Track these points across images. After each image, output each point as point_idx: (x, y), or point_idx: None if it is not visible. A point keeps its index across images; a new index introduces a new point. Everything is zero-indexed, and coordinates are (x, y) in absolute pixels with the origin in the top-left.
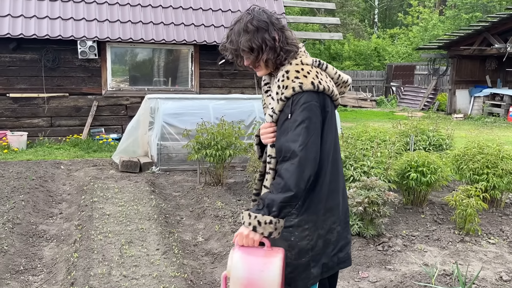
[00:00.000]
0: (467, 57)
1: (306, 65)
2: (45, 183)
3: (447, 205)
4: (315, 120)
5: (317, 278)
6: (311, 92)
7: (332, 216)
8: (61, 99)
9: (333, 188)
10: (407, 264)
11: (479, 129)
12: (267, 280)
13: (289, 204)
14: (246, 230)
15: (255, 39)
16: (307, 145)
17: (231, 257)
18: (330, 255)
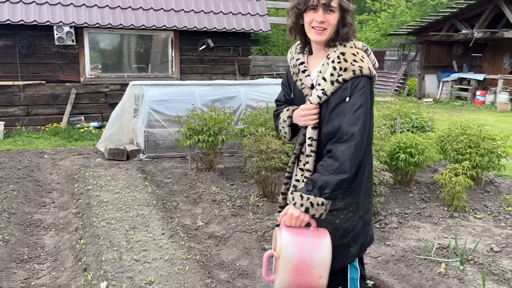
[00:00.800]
0: (435, 42)
1: (360, 49)
2: (31, 172)
3: (433, 184)
4: (370, 106)
5: (354, 257)
6: (367, 77)
7: (369, 197)
8: (38, 87)
9: (370, 170)
10: (404, 239)
11: (449, 112)
12: (319, 259)
13: (342, 187)
14: (297, 211)
15: (349, 4)
16: (365, 129)
17: (280, 237)
18: (366, 234)
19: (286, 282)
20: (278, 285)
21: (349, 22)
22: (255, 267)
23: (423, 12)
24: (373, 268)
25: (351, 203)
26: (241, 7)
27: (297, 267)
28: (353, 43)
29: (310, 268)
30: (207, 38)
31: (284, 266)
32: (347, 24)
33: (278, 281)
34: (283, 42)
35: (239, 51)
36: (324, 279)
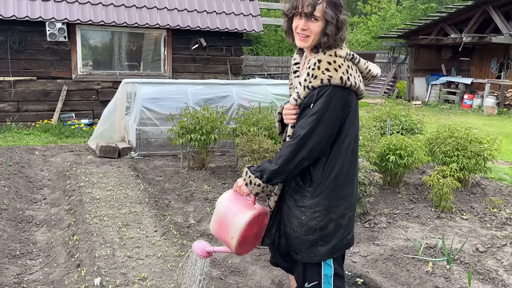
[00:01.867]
0: (424, 46)
1: (340, 58)
2: (22, 169)
3: (421, 185)
4: (329, 114)
5: (325, 257)
6: (337, 87)
7: (345, 202)
8: (29, 83)
9: (350, 177)
10: (393, 239)
11: (437, 115)
12: (234, 223)
13: (276, 176)
14: (241, 182)
15: (338, 13)
16: (312, 134)
17: (222, 195)
18: (340, 238)
19: (212, 227)
20: (210, 226)
21: (329, 33)
22: (247, 265)
23: (413, 16)
24: (362, 266)
25: (318, 204)
26: (234, 7)
27: (220, 220)
28: (335, 51)
29: (227, 227)
30: (200, 37)
31: (214, 215)
32: (327, 34)
33: (211, 222)
34: (275, 43)
35: (232, 50)
36: (234, 241)
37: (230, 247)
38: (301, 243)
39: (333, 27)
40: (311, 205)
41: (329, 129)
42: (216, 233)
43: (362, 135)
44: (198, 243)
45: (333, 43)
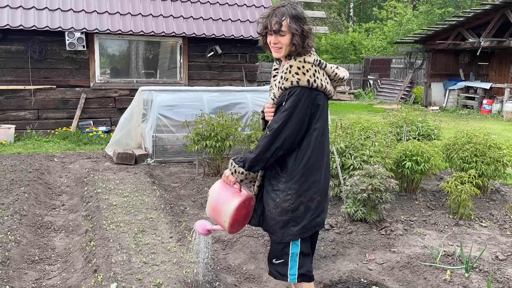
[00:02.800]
0: (441, 51)
1: (308, 63)
2: (42, 175)
3: (438, 192)
4: (299, 110)
5: (296, 236)
6: (305, 87)
7: (314, 187)
8: (48, 92)
9: (318, 165)
10: (410, 246)
11: (455, 121)
12: (225, 209)
13: (255, 164)
14: (228, 172)
15: (301, 25)
16: (284, 127)
17: (214, 185)
18: (310, 219)
19: (208, 213)
20: (206, 210)
21: (296, 42)
22: (262, 271)
23: (429, 21)
24: (378, 274)
25: (290, 188)
26: (249, 14)
27: (214, 207)
28: (304, 58)
29: (220, 213)
30: (215, 44)
31: (208, 202)
32: (294, 44)
33: (206, 208)
34: None
35: (247, 57)
36: (227, 223)
37: (224, 228)
38: (275, 223)
39: (299, 37)
40: (284, 188)
41: (299, 123)
42: (211, 217)
43: (378, 141)
44: (200, 222)
45: (302, 51)
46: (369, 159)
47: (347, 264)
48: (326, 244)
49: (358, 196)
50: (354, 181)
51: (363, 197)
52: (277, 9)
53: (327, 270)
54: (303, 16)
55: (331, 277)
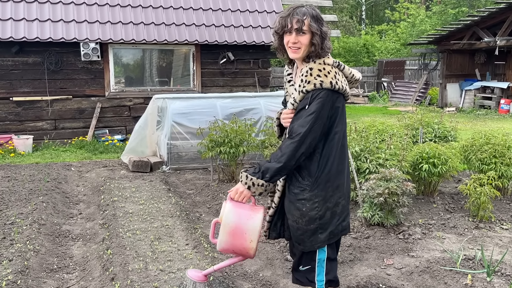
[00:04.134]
0: (457, 51)
1: (328, 65)
2: (59, 185)
3: (457, 195)
4: (323, 113)
5: (324, 243)
6: (328, 90)
7: (338, 192)
8: (65, 102)
9: (340, 169)
10: (429, 250)
11: (472, 122)
12: (251, 227)
13: (279, 173)
14: (242, 187)
15: (321, 26)
16: (310, 131)
17: (224, 207)
18: (336, 224)
19: (224, 242)
20: (218, 245)
21: (316, 42)
22: (279, 278)
23: (443, 21)
24: (397, 279)
25: (316, 195)
26: (260, 20)
27: (234, 231)
28: (323, 60)
29: (243, 233)
30: (228, 51)
31: (223, 229)
32: (314, 44)
33: (219, 241)
34: None
35: (259, 63)
36: (254, 243)
37: (249, 251)
38: (303, 233)
39: (318, 37)
40: (311, 197)
41: (321, 126)
42: (229, 245)
43: (393, 144)
44: (191, 272)
45: (320, 52)
46: (385, 162)
47: (365, 269)
48: (343, 249)
49: (375, 200)
50: (370, 185)
51: (379, 201)
52: (297, 8)
53: (345, 276)
54: (322, 18)
55: (349, 283)
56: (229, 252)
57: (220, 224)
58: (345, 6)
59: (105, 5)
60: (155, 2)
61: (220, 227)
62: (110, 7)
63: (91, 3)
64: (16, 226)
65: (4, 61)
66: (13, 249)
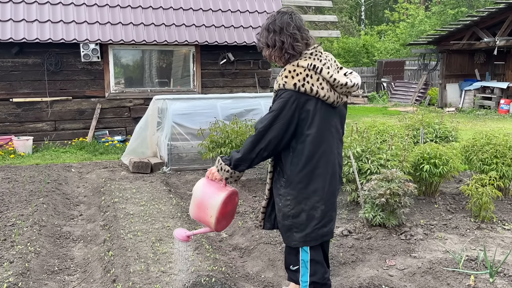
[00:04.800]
0: (456, 51)
1: (300, 67)
2: (60, 186)
3: (458, 195)
4: (285, 113)
5: (300, 243)
6: (292, 91)
7: (315, 196)
8: (65, 103)
9: (318, 173)
10: (431, 251)
11: (472, 122)
12: (212, 204)
13: (240, 163)
14: (214, 169)
15: (270, 38)
16: (270, 129)
17: (198, 182)
18: (313, 228)
19: (193, 212)
20: (190, 213)
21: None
22: (280, 279)
23: (442, 21)
24: (399, 280)
25: (288, 193)
26: (260, 21)
27: (199, 203)
28: (298, 62)
29: (205, 208)
30: (228, 52)
31: (192, 201)
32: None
33: (190, 210)
34: None
35: (259, 64)
36: (213, 219)
37: (210, 225)
38: (281, 226)
39: (272, 47)
40: (284, 193)
41: (285, 126)
42: (196, 216)
43: (394, 145)
44: (178, 230)
45: (287, 58)
46: (386, 163)
47: (367, 270)
48: (345, 250)
49: (376, 201)
50: (371, 185)
51: (381, 202)
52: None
53: (347, 277)
54: (273, 28)
55: (351, 284)
56: (198, 221)
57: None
58: (344, 7)
59: (105, 6)
60: (155, 3)
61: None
62: (110, 8)
63: (91, 4)
64: (16, 227)
65: (4, 62)
66: (14, 251)
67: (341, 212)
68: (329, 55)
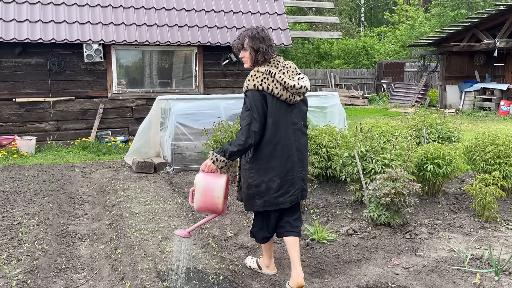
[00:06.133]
0: (456, 53)
1: (259, 72)
2: (64, 185)
3: (461, 195)
4: (256, 109)
5: (260, 207)
6: (253, 90)
7: (273, 172)
8: (67, 103)
9: (276, 155)
10: (436, 250)
11: (472, 123)
12: (217, 187)
13: (234, 154)
14: (209, 162)
15: (257, 44)
16: (251, 123)
17: (197, 176)
18: (271, 196)
19: (199, 201)
20: (195, 205)
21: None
22: (287, 278)
23: (442, 23)
24: (405, 278)
25: (252, 168)
26: (262, 21)
27: (204, 191)
28: (258, 68)
29: (212, 192)
30: (230, 52)
31: (197, 192)
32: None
33: (195, 202)
34: (302, 55)
35: None
36: (221, 199)
37: (217, 206)
38: (245, 196)
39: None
40: (249, 168)
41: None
42: (202, 203)
43: (398, 145)
44: (178, 230)
45: (261, 61)
46: (390, 162)
47: (373, 268)
48: (351, 249)
49: (381, 200)
50: (376, 185)
51: (386, 201)
52: (244, 32)
53: (353, 276)
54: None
55: (358, 282)
56: (204, 209)
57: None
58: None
59: (108, 6)
60: (158, 4)
61: (195, 191)
62: (113, 9)
63: (93, 4)
64: (23, 226)
65: (7, 62)
66: (22, 249)
67: (345, 211)
68: (289, 63)
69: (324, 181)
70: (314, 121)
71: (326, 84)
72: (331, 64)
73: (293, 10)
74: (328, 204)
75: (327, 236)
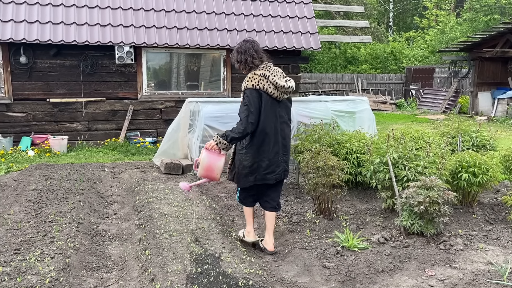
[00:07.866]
0: (489, 59)
1: (256, 75)
2: (94, 185)
3: (497, 205)
4: (253, 104)
5: (252, 182)
6: (251, 89)
7: (263, 154)
8: (98, 104)
9: (267, 142)
10: (472, 262)
11: (506, 131)
12: (217, 166)
13: (234, 139)
14: (213, 143)
15: (239, 56)
16: (248, 115)
17: (202, 153)
18: (261, 173)
19: (202, 173)
20: (198, 173)
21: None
22: (317, 285)
23: (474, 28)
24: None
25: (248, 152)
26: (292, 25)
27: (207, 168)
28: (254, 72)
29: (213, 169)
30: None
31: (201, 166)
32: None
33: (199, 171)
34: (328, 60)
35: (289, 68)
36: (218, 175)
37: (215, 178)
38: (239, 175)
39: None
40: (245, 152)
41: (257, 111)
42: (204, 175)
43: (432, 152)
44: (182, 182)
45: (252, 67)
46: (424, 170)
47: (406, 279)
48: (383, 258)
49: (415, 208)
50: (410, 193)
51: (420, 210)
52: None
53: (385, 286)
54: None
55: None
56: (204, 177)
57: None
58: (373, 13)
59: (139, 9)
60: (188, 7)
61: (199, 164)
62: (144, 12)
63: (126, 7)
64: (55, 224)
65: (42, 63)
66: (54, 247)
67: (375, 219)
68: (277, 68)
69: (353, 187)
70: (343, 126)
71: (353, 89)
72: (358, 68)
73: (320, 14)
74: (358, 211)
75: (358, 244)
